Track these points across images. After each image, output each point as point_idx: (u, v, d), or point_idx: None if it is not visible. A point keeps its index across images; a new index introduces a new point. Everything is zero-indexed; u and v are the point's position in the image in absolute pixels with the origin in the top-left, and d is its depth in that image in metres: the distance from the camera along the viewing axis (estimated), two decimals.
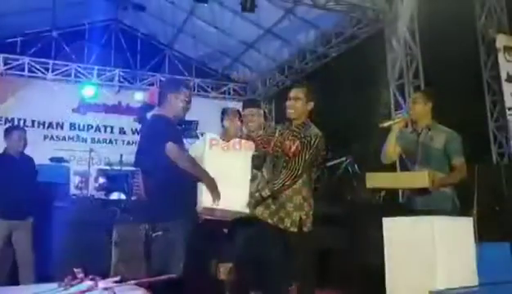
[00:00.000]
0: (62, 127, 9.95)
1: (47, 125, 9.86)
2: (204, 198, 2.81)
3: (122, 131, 10.31)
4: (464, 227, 2.73)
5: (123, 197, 5.71)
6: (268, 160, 3.22)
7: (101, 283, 1.54)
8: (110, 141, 10.12)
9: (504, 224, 4.79)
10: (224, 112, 4.00)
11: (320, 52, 9.32)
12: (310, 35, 9.42)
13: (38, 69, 9.98)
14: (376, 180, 3.35)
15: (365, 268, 4.57)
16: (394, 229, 2.78)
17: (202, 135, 3.28)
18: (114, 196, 5.85)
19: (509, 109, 7.35)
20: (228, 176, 2.86)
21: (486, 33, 7.75)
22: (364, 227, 4.78)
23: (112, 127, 10.18)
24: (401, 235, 2.73)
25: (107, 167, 7.22)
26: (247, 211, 2.90)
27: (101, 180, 6.83)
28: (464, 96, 7.25)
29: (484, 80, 7.76)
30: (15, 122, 9.20)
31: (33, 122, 9.70)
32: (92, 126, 10.18)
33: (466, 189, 4.38)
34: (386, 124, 3.52)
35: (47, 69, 10.03)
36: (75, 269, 1.57)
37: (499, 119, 7.63)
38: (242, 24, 9.30)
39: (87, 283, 1.54)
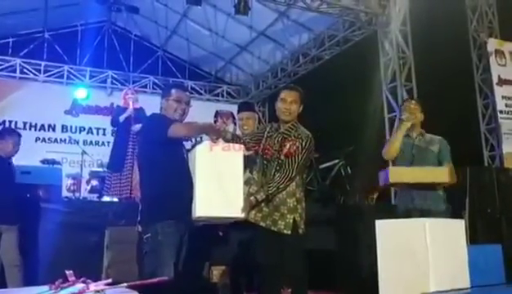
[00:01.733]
0: (54, 129, 9.87)
1: (38, 127, 9.77)
2: (198, 207, 2.78)
3: (114, 133, 10.24)
4: (456, 229, 2.74)
5: (115, 199, 5.67)
6: (258, 163, 3.21)
7: (93, 286, 1.53)
8: (103, 143, 10.03)
9: (495, 227, 4.82)
10: (217, 114, 4.00)
11: (313, 55, 9.35)
12: (303, 38, 9.45)
13: (30, 71, 9.91)
14: (399, 174, 3.39)
15: (358, 270, 4.58)
16: (387, 231, 2.78)
17: (195, 138, 3.24)
18: (107, 198, 5.80)
19: (501, 112, 7.42)
20: (221, 181, 2.83)
21: (477, 36, 7.83)
22: (357, 229, 4.79)
23: (104, 129, 10.10)
24: (393, 237, 2.74)
25: (99, 170, 7.17)
26: (242, 215, 2.87)
27: (94, 182, 6.78)
28: (456, 99, 7.30)
29: (476, 83, 7.84)
30: (7, 124, 9.13)
31: (24, 123, 9.61)
32: (85, 128, 10.11)
33: (458, 191, 4.41)
34: (405, 118, 3.55)
35: (39, 71, 9.97)
36: (67, 272, 1.56)
37: (490, 122, 7.70)
38: (235, 26, 9.31)
39: (79, 286, 1.53)
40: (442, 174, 3.34)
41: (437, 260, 2.52)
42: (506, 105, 7.45)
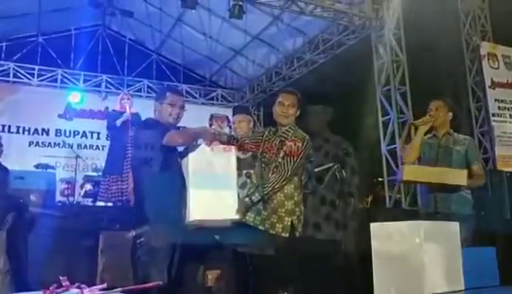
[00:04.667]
0: (48, 133, 9.82)
1: (32, 131, 9.73)
2: (192, 210, 2.77)
3: (108, 137, 10.20)
4: (450, 232, 2.75)
5: (109, 204, 5.65)
6: (257, 166, 3.22)
7: (87, 291, 1.52)
8: (97, 147, 10.00)
9: (489, 230, 4.84)
10: (212, 118, 4.00)
11: (307, 59, 9.38)
12: (297, 42, 9.49)
13: (24, 75, 9.87)
14: (414, 173, 3.33)
15: (352, 273, 4.58)
16: (382, 233, 2.79)
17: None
18: (101, 203, 5.78)
19: (494, 114, 7.47)
20: (214, 183, 2.82)
21: (470, 40, 7.89)
22: (351, 232, 4.79)
23: (99, 133, 10.07)
24: (388, 240, 2.75)
25: (94, 174, 7.15)
26: (237, 217, 2.87)
27: (88, 186, 6.76)
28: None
29: (469, 86, 7.89)
30: (0, 129, 9.08)
31: (18, 128, 9.57)
32: (79, 133, 10.07)
33: None
34: (417, 122, 3.53)
35: (33, 75, 9.93)
36: (61, 277, 1.55)
37: (483, 125, 7.75)
38: (230, 30, 9.33)
39: (73, 291, 1.52)
40: (458, 176, 3.22)
41: (431, 263, 2.53)
42: (499, 108, 7.51)
